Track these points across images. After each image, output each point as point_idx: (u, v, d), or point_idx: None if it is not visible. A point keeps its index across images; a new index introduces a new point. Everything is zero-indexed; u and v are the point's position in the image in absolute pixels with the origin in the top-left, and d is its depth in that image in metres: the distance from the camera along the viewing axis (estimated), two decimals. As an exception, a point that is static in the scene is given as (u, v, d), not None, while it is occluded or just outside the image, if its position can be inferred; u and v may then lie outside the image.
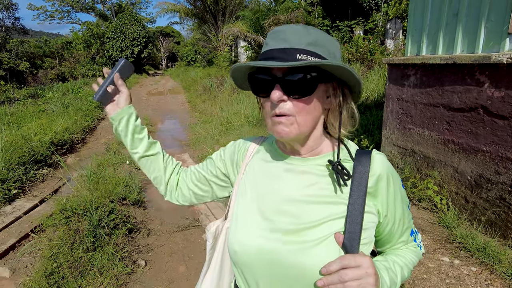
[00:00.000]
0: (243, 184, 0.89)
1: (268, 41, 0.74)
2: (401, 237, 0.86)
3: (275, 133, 0.75)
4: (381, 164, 0.79)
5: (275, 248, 0.75)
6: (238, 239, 0.80)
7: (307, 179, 0.80)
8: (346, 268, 0.67)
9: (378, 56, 8.69)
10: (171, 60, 49.27)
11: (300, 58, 0.69)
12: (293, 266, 0.72)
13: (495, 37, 2.72)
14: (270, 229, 0.77)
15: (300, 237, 0.73)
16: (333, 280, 0.66)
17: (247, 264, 0.79)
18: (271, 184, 0.83)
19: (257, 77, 0.74)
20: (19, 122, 7.87)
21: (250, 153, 0.92)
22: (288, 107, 0.72)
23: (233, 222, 0.85)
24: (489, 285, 2.33)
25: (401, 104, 3.76)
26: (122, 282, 2.74)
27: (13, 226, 3.70)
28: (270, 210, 0.80)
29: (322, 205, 0.76)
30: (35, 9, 32.62)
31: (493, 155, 2.75)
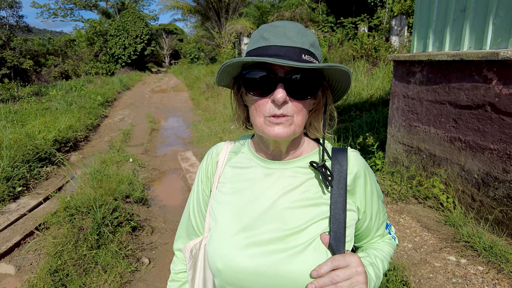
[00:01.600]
0: (218, 196, 0.84)
1: (267, 35, 0.69)
2: (378, 231, 0.88)
3: (270, 133, 0.71)
4: (357, 162, 0.80)
5: (261, 262, 0.71)
6: (220, 256, 0.75)
7: (288, 183, 0.78)
8: (337, 269, 0.67)
9: (383, 53, 8.62)
10: (174, 58, 49.26)
11: (305, 58, 0.68)
12: (282, 275, 0.70)
13: (503, 33, 2.67)
14: (253, 241, 0.74)
15: (287, 244, 0.72)
16: (325, 282, 0.66)
17: (232, 282, 0.75)
18: (251, 192, 0.79)
19: (256, 74, 0.69)
20: (23, 120, 7.90)
21: (221, 163, 0.87)
22: (290, 108, 0.70)
23: (211, 237, 0.80)
24: (496, 284, 2.30)
25: (406, 102, 3.72)
26: (126, 280, 2.74)
27: (18, 223, 3.72)
28: (252, 220, 0.76)
29: (306, 208, 0.75)
30: (39, 7, 32.69)
31: (501, 153, 2.71)
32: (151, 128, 8.96)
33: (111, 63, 26.46)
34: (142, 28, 28.02)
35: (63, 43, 24.24)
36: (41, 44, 22.05)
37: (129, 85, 19.15)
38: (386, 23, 12.46)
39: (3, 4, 16.96)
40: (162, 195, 4.68)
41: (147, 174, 5.31)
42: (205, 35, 26.74)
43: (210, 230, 0.84)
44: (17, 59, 16.50)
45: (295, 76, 0.67)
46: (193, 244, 0.90)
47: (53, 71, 20.32)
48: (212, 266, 0.77)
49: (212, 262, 0.77)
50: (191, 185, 4.71)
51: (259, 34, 0.72)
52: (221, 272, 0.75)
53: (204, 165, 0.92)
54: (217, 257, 0.76)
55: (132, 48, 27.50)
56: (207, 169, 0.90)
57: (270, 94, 0.69)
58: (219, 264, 0.75)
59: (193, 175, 5.10)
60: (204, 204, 0.91)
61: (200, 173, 0.92)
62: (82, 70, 22.14)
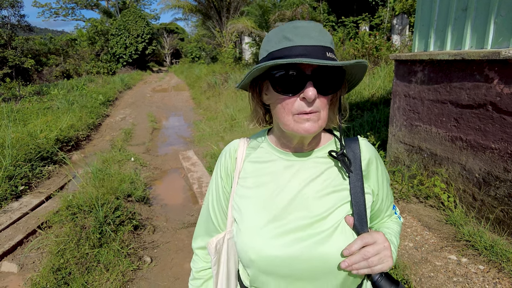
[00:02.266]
0: (240, 191, 0.87)
1: (290, 36, 0.71)
2: (387, 211, 0.95)
3: (299, 130, 0.74)
4: (369, 149, 0.87)
5: (293, 249, 0.76)
6: (252, 248, 0.78)
7: (310, 173, 0.83)
8: (366, 246, 0.73)
9: (384, 52, 8.61)
10: (175, 57, 49.26)
11: (329, 56, 0.71)
12: (315, 259, 0.75)
13: (505, 33, 2.67)
14: (284, 230, 0.78)
15: (315, 229, 0.77)
16: (356, 259, 0.72)
17: (266, 270, 0.78)
18: (275, 184, 0.83)
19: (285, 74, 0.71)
20: (25, 119, 7.92)
21: (240, 159, 0.90)
22: (318, 104, 0.73)
23: (240, 230, 0.83)
24: (497, 283, 2.30)
25: (408, 101, 3.72)
26: (128, 279, 2.76)
27: (20, 222, 3.74)
28: (279, 211, 0.80)
29: (329, 195, 0.80)
30: (40, 6, 32.73)
31: (502, 152, 2.71)
32: (153, 127, 8.98)
33: (112, 62, 26.48)
34: (143, 27, 28.03)
35: (64, 43, 24.26)
36: (42, 43, 22.06)
37: (130, 85, 19.17)
38: (388, 22, 12.44)
39: (4, 3, 16.99)
40: (163, 194, 4.70)
41: (149, 173, 5.32)
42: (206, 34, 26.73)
43: (234, 224, 0.88)
44: (18, 59, 16.53)
45: (322, 74, 0.71)
46: (216, 240, 0.92)
47: (54, 71, 20.34)
48: (244, 258, 0.80)
49: (244, 253, 0.80)
50: (192, 184, 4.72)
51: (281, 34, 0.73)
52: (254, 262, 0.78)
53: (222, 162, 0.93)
54: (249, 248, 0.78)
55: (133, 48, 27.51)
56: (226, 166, 0.92)
57: (299, 92, 0.72)
58: (252, 255, 0.78)
59: (194, 174, 5.11)
60: (224, 200, 0.93)
61: (219, 171, 0.94)
62: (84, 70, 22.17)
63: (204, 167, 5.37)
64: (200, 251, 1.01)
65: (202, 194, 4.38)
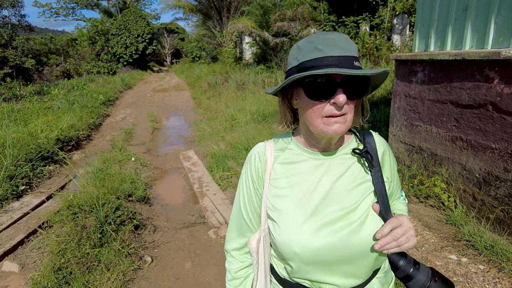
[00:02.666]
0: (274, 191, 0.93)
1: (321, 47, 0.79)
2: (397, 195, 1.06)
3: (328, 131, 0.82)
4: (381, 141, 0.99)
5: (333, 238, 0.85)
6: (296, 242, 0.86)
7: (338, 170, 0.92)
8: (395, 228, 0.83)
9: (384, 52, 8.61)
10: (176, 57, 49.24)
11: (356, 64, 0.80)
12: (353, 245, 0.85)
13: (505, 33, 2.67)
14: (322, 223, 0.86)
15: (349, 219, 0.86)
16: (388, 240, 0.82)
17: (309, 261, 0.86)
18: (308, 183, 0.91)
19: (317, 82, 0.79)
20: (26, 119, 7.92)
21: (270, 162, 0.96)
22: (346, 108, 0.82)
23: (279, 228, 0.89)
24: (497, 283, 2.31)
25: (408, 101, 3.73)
26: (129, 278, 2.76)
27: (21, 222, 3.74)
28: (315, 206, 0.88)
29: (356, 187, 0.90)
30: (41, 6, 32.70)
31: (502, 152, 2.72)
32: (153, 127, 8.98)
33: (112, 62, 26.48)
34: (144, 27, 28.02)
35: (65, 42, 24.28)
36: (43, 43, 22.08)
37: (131, 84, 19.18)
38: (388, 22, 12.43)
39: (5, 3, 16.99)
40: (164, 194, 4.70)
41: (149, 173, 5.33)
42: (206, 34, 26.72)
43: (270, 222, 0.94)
44: (19, 58, 16.54)
45: (351, 81, 0.79)
46: (255, 240, 0.99)
47: (55, 70, 20.35)
48: (288, 252, 0.87)
49: (287, 248, 0.87)
50: (193, 184, 4.73)
51: (311, 45, 0.81)
52: (298, 255, 0.86)
53: (252, 165, 0.98)
54: (293, 243, 0.86)
55: (133, 47, 27.51)
56: (257, 169, 0.97)
57: (330, 98, 0.80)
58: (296, 249, 0.85)
59: (195, 173, 5.12)
60: (257, 201, 0.98)
61: (249, 173, 0.99)
62: (84, 69, 22.17)
63: (204, 167, 5.38)
64: (235, 252, 1.07)
65: (203, 194, 4.39)
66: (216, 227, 3.60)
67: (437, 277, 0.93)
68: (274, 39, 11.90)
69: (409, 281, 0.93)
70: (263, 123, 7.08)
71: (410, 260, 0.94)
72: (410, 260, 0.94)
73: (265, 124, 6.94)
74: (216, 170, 5.10)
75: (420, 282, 0.91)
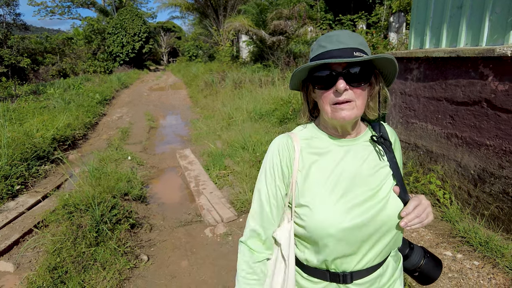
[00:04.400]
0: (303, 179, 0.97)
1: (324, 44, 0.90)
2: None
3: (337, 117, 0.91)
4: (391, 130, 1.10)
5: (364, 217, 0.92)
6: (331, 224, 0.91)
7: (362, 155, 0.99)
8: (417, 207, 0.91)
9: (381, 50, 8.62)
10: (172, 55, 49.08)
11: (357, 54, 0.86)
12: (380, 221, 0.93)
13: (499, 30, 2.68)
14: (353, 204, 0.93)
15: (375, 199, 0.94)
16: (411, 218, 0.90)
17: (342, 239, 0.92)
18: (337, 168, 0.97)
19: (320, 73, 0.89)
20: (21, 118, 7.87)
21: (298, 150, 1.00)
22: (350, 94, 0.89)
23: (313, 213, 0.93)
24: (492, 279, 2.32)
25: (404, 98, 3.74)
26: (125, 277, 2.76)
27: (17, 221, 3.73)
28: (345, 189, 0.94)
29: (378, 171, 0.98)
30: (36, 5, 32.45)
31: (497, 149, 2.73)
32: (150, 126, 8.96)
33: (109, 61, 26.34)
34: (140, 26, 27.90)
35: (60, 41, 24.10)
36: (38, 42, 21.92)
37: (127, 83, 19.10)
38: (385, 20, 12.45)
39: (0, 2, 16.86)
40: (160, 193, 4.69)
41: (146, 172, 5.31)
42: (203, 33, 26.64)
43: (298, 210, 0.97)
44: (14, 58, 16.42)
45: (351, 69, 0.87)
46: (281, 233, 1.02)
47: (50, 70, 20.22)
48: (323, 234, 0.92)
49: (323, 230, 0.92)
50: (189, 183, 4.72)
51: (317, 44, 0.92)
52: (333, 236, 0.91)
53: (281, 155, 1.01)
54: (327, 225, 0.91)
55: (130, 46, 27.39)
56: (284, 158, 1.00)
57: (333, 86, 0.89)
58: (332, 230, 0.91)
59: (191, 172, 5.11)
60: (282, 192, 1.01)
61: (276, 163, 1.01)
62: (80, 69, 22.04)
63: (201, 166, 5.37)
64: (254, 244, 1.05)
65: (199, 192, 4.38)
66: (212, 225, 3.60)
67: (428, 254, 1.07)
68: (271, 37, 11.88)
69: (406, 260, 1.08)
70: (260, 121, 7.08)
71: (405, 242, 1.07)
72: (405, 242, 1.08)
73: (261, 123, 6.94)
74: (213, 169, 5.10)
75: (414, 261, 1.05)
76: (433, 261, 1.06)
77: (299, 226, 0.98)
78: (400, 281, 1.09)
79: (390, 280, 1.04)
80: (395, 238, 0.99)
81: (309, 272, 1.01)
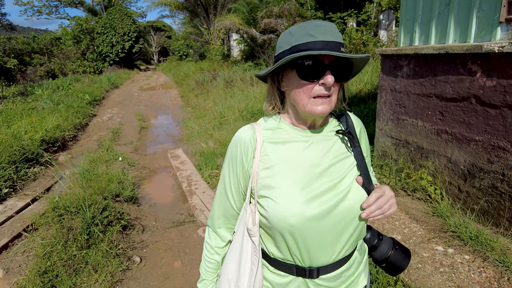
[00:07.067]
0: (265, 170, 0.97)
1: (313, 33, 0.86)
2: (370, 169, 1.15)
3: (315, 111, 0.90)
4: (357, 120, 1.09)
5: (324, 207, 0.91)
6: (292, 214, 0.90)
7: (325, 145, 0.99)
8: (379, 198, 0.92)
9: (371, 48, 8.68)
10: (163, 55, 48.72)
11: (342, 50, 0.87)
12: (341, 212, 0.93)
13: (486, 26, 2.72)
14: (314, 194, 0.92)
15: (336, 190, 0.94)
16: (373, 209, 0.91)
17: (303, 230, 0.91)
18: (299, 158, 0.96)
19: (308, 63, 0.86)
20: (9, 120, 7.73)
21: (260, 141, 0.99)
22: (332, 89, 0.89)
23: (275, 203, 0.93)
24: (482, 272, 2.35)
25: (394, 95, 3.76)
26: (117, 279, 2.73)
27: (5, 225, 3.65)
28: (308, 180, 0.94)
29: (341, 161, 0.98)
30: (22, 4, 31.82)
31: (486, 144, 2.77)
32: (141, 126, 8.87)
33: (98, 61, 26.03)
34: (130, 25, 27.61)
35: (48, 42, 23.72)
36: (25, 42, 21.53)
37: (118, 83, 18.89)
38: (374, 18, 12.53)
39: (-16, 1, 16.52)
40: (152, 193, 4.65)
41: (137, 173, 5.26)
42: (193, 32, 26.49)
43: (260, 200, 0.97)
44: (0, 58, 16.11)
45: (338, 64, 0.87)
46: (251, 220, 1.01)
47: (38, 70, 19.90)
48: (284, 224, 0.91)
49: (283, 221, 0.91)
50: (182, 183, 4.69)
51: (304, 31, 0.87)
52: (294, 226, 0.90)
53: (242, 145, 1.00)
54: (289, 215, 0.90)
55: (119, 46, 27.09)
56: (246, 149, 1.00)
57: (320, 78, 0.87)
58: (293, 220, 0.90)
59: (183, 172, 5.07)
60: (244, 183, 1.02)
61: (238, 154, 1.01)
62: (69, 69, 21.74)
63: (193, 165, 5.34)
64: (219, 230, 1.11)
65: (192, 192, 4.35)
66: (205, 225, 3.57)
67: (397, 245, 1.08)
68: (261, 36, 11.87)
69: (374, 251, 1.09)
70: (252, 120, 7.06)
71: (374, 233, 1.10)
72: (374, 232, 1.10)
73: (254, 121, 6.92)
74: (205, 168, 5.07)
75: (383, 251, 1.06)
76: (401, 252, 1.07)
77: (262, 217, 0.97)
78: (364, 274, 1.11)
79: (355, 273, 1.06)
80: (359, 229, 0.98)
81: (276, 265, 1.01)
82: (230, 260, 1.06)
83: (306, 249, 0.93)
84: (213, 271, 1.12)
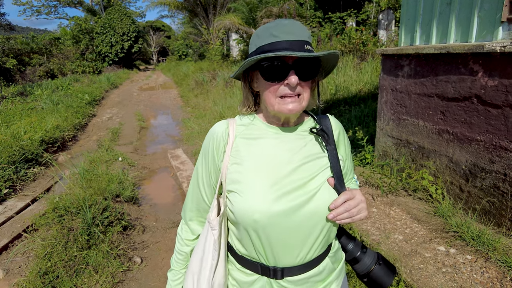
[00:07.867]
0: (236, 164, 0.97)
1: (276, 33, 0.86)
2: (350, 175, 1.14)
3: (284, 110, 0.89)
4: (337, 123, 1.07)
5: (290, 205, 0.90)
6: (257, 210, 0.89)
7: (297, 144, 0.98)
8: (348, 200, 0.90)
9: (371, 48, 8.67)
10: (162, 55, 48.68)
11: (307, 48, 0.86)
12: (308, 211, 0.91)
13: (488, 26, 2.71)
14: (282, 192, 0.91)
15: (306, 189, 0.92)
16: (340, 211, 0.90)
17: (266, 226, 0.90)
18: (269, 155, 0.96)
19: (271, 64, 0.86)
20: (8, 120, 7.71)
21: (232, 135, 1.00)
22: (300, 88, 0.89)
23: (241, 198, 0.93)
24: (484, 272, 2.35)
25: (395, 95, 3.76)
26: (118, 280, 2.72)
27: (5, 226, 3.64)
28: (276, 177, 0.93)
29: (313, 161, 0.97)
30: (21, 4, 31.76)
31: (487, 144, 2.76)
32: (140, 126, 8.86)
33: (98, 61, 26.01)
34: (129, 25, 27.59)
35: (47, 42, 23.68)
36: (24, 42, 21.48)
37: (117, 83, 18.87)
38: (374, 17, 12.53)
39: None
40: (153, 194, 4.64)
41: (137, 173, 5.25)
42: (193, 32, 26.46)
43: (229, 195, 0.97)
44: (0, 58, 16.07)
45: (302, 63, 0.86)
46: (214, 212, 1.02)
47: (38, 70, 19.86)
48: (248, 220, 0.91)
49: (248, 216, 0.90)
50: (182, 183, 4.68)
51: (268, 32, 0.88)
52: (257, 222, 0.90)
53: (214, 140, 1.01)
54: (254, 211, 0.90)
55: (119, 46, 27.07)
56: (218, 143, 1.00)
57: (284, 79, 0.87)
58: (257, 216, 0.89)
59: (183, 172, 5.06)
60: (214, 176, 1.03)
61: (210, 147, 1.02)
62: (68, 69, 21.70)
63: (193, 165, 5.33)
64: (190, 222, 1.13)
65: (192, 192, 4.34)
66: (206, 225, 3.57)
67: (381, 261, 1.03)
68: (261, 35, 11.85)
69: (356, 264, 1.04)
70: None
71: (358, 244, 1.06)
72: (358, 244, 1.06)
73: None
74: (206, 168, 5.05)
75: (365, 265, 1.02)
76: (385, 268, 1.01)
77: (230, 211, 0.97)
78: (337, 284, 1.07)
79: (325, 281, 1.03)
80: (327, 232, 0.96)
81: (242, 263, 1.00)
82: (195, 253, 1.06)
83: (270, 247, 0.92)
84: (182, 262, 1.13)
